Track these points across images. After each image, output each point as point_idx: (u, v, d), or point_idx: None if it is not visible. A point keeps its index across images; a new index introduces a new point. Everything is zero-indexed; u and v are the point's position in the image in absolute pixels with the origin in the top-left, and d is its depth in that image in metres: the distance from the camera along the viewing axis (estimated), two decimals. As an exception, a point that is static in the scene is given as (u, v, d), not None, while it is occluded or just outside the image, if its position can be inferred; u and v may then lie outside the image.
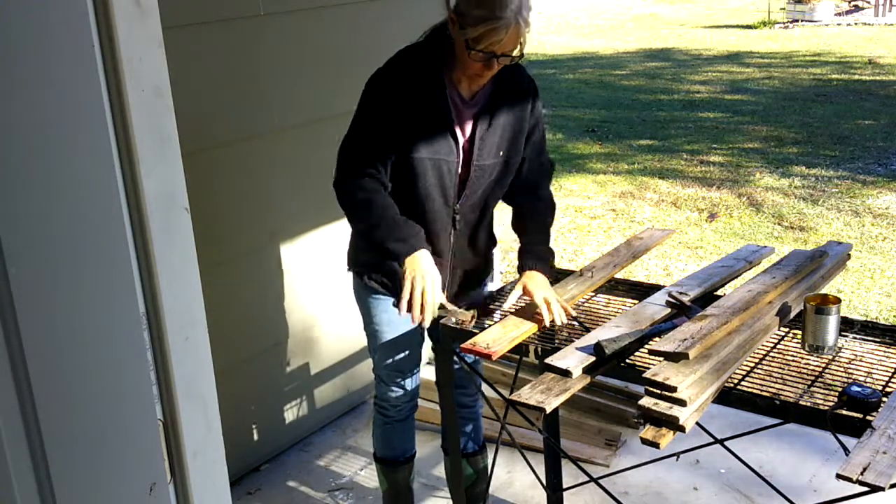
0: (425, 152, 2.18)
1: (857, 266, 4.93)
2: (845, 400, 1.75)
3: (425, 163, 2.19)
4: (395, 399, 2.52)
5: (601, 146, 8.12)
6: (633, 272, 4.85)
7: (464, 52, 2.10)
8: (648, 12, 19.79)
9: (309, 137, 3.15)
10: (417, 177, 2.20)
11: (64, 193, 1.05)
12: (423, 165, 2.19)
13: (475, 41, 2.06)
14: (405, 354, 2.46)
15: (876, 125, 8.33)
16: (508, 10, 2.02)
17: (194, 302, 1.16)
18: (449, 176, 2.23)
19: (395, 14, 3.37)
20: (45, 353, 1.08)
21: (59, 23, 1.00)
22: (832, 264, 2.39)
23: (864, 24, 15.91)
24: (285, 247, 3.17)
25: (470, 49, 2.07)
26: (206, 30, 2.75)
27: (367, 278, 2.39)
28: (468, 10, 2.06)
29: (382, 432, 2.61)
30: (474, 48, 2.07)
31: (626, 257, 2.61)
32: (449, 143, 2.20)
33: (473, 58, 2.09)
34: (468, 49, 2.07)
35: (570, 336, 2.19)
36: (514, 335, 2.17)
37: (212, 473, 1.21)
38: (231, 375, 2.99)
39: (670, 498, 2.93)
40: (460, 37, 2.08)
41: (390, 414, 2.56)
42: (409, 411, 2.58)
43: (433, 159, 2.19)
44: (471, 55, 2.08)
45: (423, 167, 2.19)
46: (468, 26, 2.05)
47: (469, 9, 2.05)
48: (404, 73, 2.18)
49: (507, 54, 2.10)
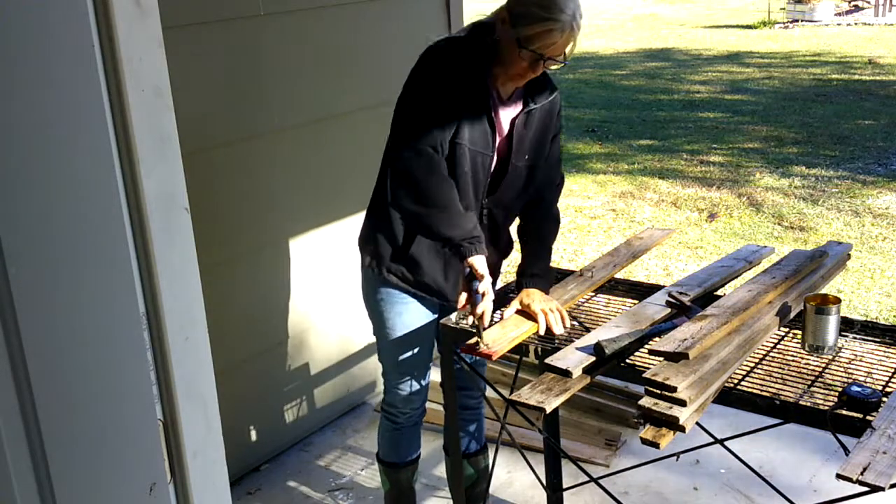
0: (467, 141, 2.16)
1: (857, 266, 4.93)
2: (845, 400, 1.75)
3: (465, 151, 2.17)
4: (406, 405, 2.48)
5: (601, 146, 8.12)
6: (633, 272, 4.85)
7: (513, 51, 2.08)
8: (648, 12, 19.79)
9: (309, 137, 3.15)
10: (456, 164, 2.17)
11: (64, 193, 1.05)
12: (464, 153, 2.16)
13: (528, 40, 2.05)
14: (418, 358, 2.42)
15: (876, 125, 8.33)
16: (566, 14, 2.02)
17: (194, 302, 1.16)
18: (483, 170, 2.22)
19: (395, 14, 3.38)
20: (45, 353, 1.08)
21: (59, 23, 1.00)
22: (832, 264, 2.39)
23: (864, 24, 15.90)
24: (285, 247, 3.17)
25: (521, 48, 2.06)
26: (206, 30, 2.75)
27: (386, 271, 2.31)
28: (526, 9, 2.04)
29: (390, 437, 2.57)
30: (526, 47, 2.05)
31: (626, 257, 2.61)
32: (486, 138, 2.19)
33: (523, 56, 2.07)
34: (519, 48, 2.06)
35: (570, 336, 2.19)
36: (514, 335, 2.17)
37: (212, 473, 1.21)
38: (231, 375, 2.99)
39: (670, 498, 2.93)
40: (512, 35, 2.07)
41: (399, 420, 2.52)
42: (419, 417, 2.54)
43: (472, 150, 2.18)
44: (521, 54, 2.07)
45: (463, 155, 2.17)
46: (523, 25, 2.04)
47: (526, 7, 2.04)
48: (454, 61, 2.16)
49: (555, 58, 2.09)
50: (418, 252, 2.28)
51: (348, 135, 3.27)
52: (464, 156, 2.16)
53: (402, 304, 2.36)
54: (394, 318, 2.38)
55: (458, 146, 2.15)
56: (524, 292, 2.29)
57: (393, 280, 2.33)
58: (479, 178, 2.22)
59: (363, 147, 3.33)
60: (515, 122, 2.23)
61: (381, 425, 2.60)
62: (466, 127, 2.15)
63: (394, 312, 2.37)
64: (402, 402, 2.48)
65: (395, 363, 2.43)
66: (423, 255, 2.29)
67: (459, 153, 2.16)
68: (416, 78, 2.19)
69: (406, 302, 2.36)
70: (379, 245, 2.33)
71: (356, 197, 3.36)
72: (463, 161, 2.17)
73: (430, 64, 2.17)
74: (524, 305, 2.27)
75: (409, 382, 2.45)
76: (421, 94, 2.16)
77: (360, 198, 3.36)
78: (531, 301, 2.26)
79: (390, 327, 2.39)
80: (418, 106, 2.15)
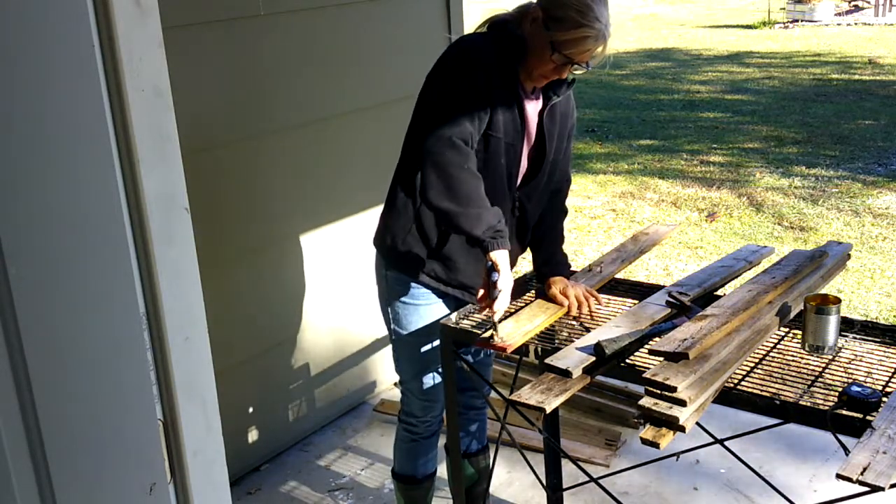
0: (502, 133, 2.15)
1: (857, 266, 4.93)
2: (845, 400, 1.75)
3: (501, 143, 2.16)
4: (425, 414, 2.43)
5: (601, 146, 8.12)
6: (633, 272, 4.85)
7: (544, 52, 2.07)
8: (648, 12, 19.79)
9: (309, 137, 3.15)
10: (491, 156, 2.16)
11: (64, 193, 1.05)
12: (499, 145, 2.16)
13: (563, 44, 2.04)
14: (438, 364, 2.35)
15: (876, 125, 8.33)
16: (601, 22, 2.02)
17: (194, 302, 1.16)
18: (516, 162, 2.22)
19: (396, 14, 3.38)
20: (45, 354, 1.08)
21: (59, 23, 1.00)
22: (832, 264, 2.39)
23: (864, 24, 15.90)
24: (285, 247, 3.17)
25: (554, 51, 2.05)
26: (207, 30, 2.75)
27: (418, 271, 2.26)
28: (563, 13, 2.03)
29: (407, 449, 2.51)
30: (559, 51, 2.05)
31: (634, 252, 2.62)
32: (518, 129, 2.18)
33: (554, 59, 2.07)
34: (552, 51, 2.05)
35: (570, 336, 2.19)
36: (528, 328, 2.18)
37: (212, 473, 1.21)
38: (231, 375, 2.99)
39: (670, 498, 2.93)
40: (546, 37, 2.05)
41: (418, 431, 2.46)
42: (438, 426, 2.49)
43: (506, 142, 2.17)
44: (552, 56, 2.06)
45: (498, 147, 2.16)
46: (559, 29, 2.03)
47: (564, 11, 2.03)
48: (484, 53, 2.13)
49: (583, 64, 2.09)
50: (453, 250, 2.25)
51: (348, 135, 3.27)
52: (499, 147, 2.16)
53: (426, 307, 2.31)
54: (412, 320, 2.31)
55: (492, 138, 2.14)
56: (551, 280, 2.32)
57: (425, 280, 2.27)
58: (512, 169, 2.22)
59: (363, 147, 3.33)
60: (543, 116, 2.23)
61: (398, 437, 2.53)
62: (500, 119, 2.14)
63: (411, 314, 2.31)
64: (422, 409, 2.43)
65: (413, 368, 2.38)
66: (459, 253, 2.26)
67: (495, 145, 2.15)
68: (445, 70, 2.15)
69: (432, 303, 2.31)
70: (405, 244, 2.26)
71: (356, 197, 3.37)
72: (498, 153, 2.16)
73: (462, 56, 2.14)
74: (554, 293, 2.29)
75: (428, 388, 2.39)
76: (452, 86, 2.11)
77: (360, 198, 3.38)
78: (561, 288, 2.29)
79: (408, 330, 2.33)
80: (450, 98, 2.10)
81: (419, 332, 2.33)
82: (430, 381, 2.39)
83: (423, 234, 2.25)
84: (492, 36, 2.18)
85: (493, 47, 2.14)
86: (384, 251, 2.32)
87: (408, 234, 2.26)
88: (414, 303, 2.31)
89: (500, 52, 2.14)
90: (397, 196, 2.29)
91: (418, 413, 2.44)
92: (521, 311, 2.29)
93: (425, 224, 2.24)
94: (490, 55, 2.13)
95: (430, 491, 2.59)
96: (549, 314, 2.26)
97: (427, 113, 2.14)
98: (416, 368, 2.38)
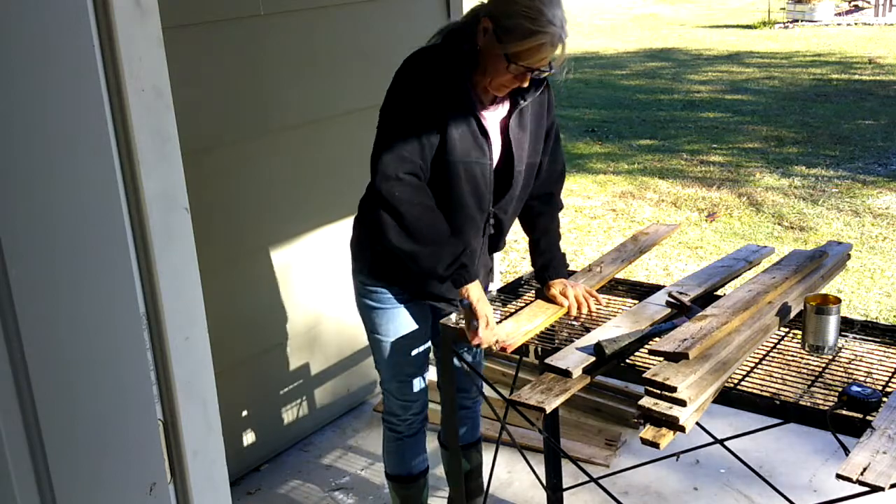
0: (459, 155, 2.07)
1: (857, 266, 4.93)
2: (845, 400, 1.75)
3: (459, 166, 2.08)
4: (405, 411, 2.44)
5: (601, 146, 8.12)
6: (633, 272, 4.85)
7: (499, 64, 1.99)
8: (649, 12, 19.78)
9: (309, 137, 3.15)
10: (452, 182, 2.10)
11: (64, 193, 1.05)
12: (457, 170, 2.08)
13: (518, 56, 1.95)
14: (414, 362, 2.37)
15: (876, 125, 8.33)
16: (555, 25, 1.92)
17: (194, 302, 1.16)
18: (483, 180, 2.14)
19: (396, 14, 3.38)
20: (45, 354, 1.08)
21: (59, 23, 1.00)
22: (832, 264, 2.39)
23: (864, 24, 15.90)
24: (285, 247, 3.17)
25: (510, 62, 1.97)
26: (206, 30, 2.75)
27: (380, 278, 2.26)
28: (513, 22, 1.93)
29: (394, 449, 2.52)
30: (515, 62, 1.97)
31: (634, 252, 2.62)
32: (480, 146, 2.10)
33: (511, 70, 1.99)
34: (508, 62, 1.97)
35: (570, 336, 2.19)
36: (528, 328, 2.18)
37: (212, 473, 1.21)
38: (231, 375, 2.99)
39: (670, 498, 2.93)
40: (498, 49, 1.96)
41: (400, 429, 2.47)
42: (421, 424, 2.50)
43: (466, 162, 2.09)
44: (510, 68, 1.98)
45: (457, 171, 2.09)
46: (511, 40, 1.94)
47: (514, 20, 1.93)
48: (433, 72, 2.05)
49: (542, 69, 2.01)
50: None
51: (348, 135, 3.27)
52: (458, 172, 2.09)
53: (394, 309, 2.31)
54: (386, 323, 2.32)
55: (450, 164, 2.07)
56: (550, 283, 2.32)
57: (398, 287, 2.27)
58: (480, 189, 2.15)
59: (363, 147, 3.31)
60: (509, 124, 2.15)
61: (385, 437, 2.54)
62: (455, 140, 2.06)
63: (386, 318, 2.31)
64: (401, 408, 2.44)
65: (391, 370, 2.38)
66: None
67: (453, 171, 2.08)
68: (394, 94, 2.09)
69: (405, 307, 2.31)
70: (372, 252, 2.26)
71: (356, 197, 3.35)
72: (458, 177, 2.09)
73: (407, 79, 2.07)
74: (554, 294, 2.30)
75: (406, 388, 2.40)
76: (399, 114, 2.06)
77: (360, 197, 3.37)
78: (561, 288, 2.30)
79: (383, 333, 2.33)
80: (397, 127, 2.06)
81: (392, 335, 2.33)
82: (406, 382, 2.40)
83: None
84: (444, 49, 2.09)
85: (443, 63, 2.06)
86: (358, 257, 2.33)
87: (370, 241, 2.24)
88: (387, 307, 2.31)
89: (451, 66, 2.06)
90: (364, 204, 2.29)
91: (398, 412, 2.45)
92: (521, 311, 2.30)
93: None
94: (439, 73, 2.05)
95: (423, 490, 2.59)
96: (549, 314, 2.26)
97: (378, 141, 2.10)
98: (392, 370, 2.39)
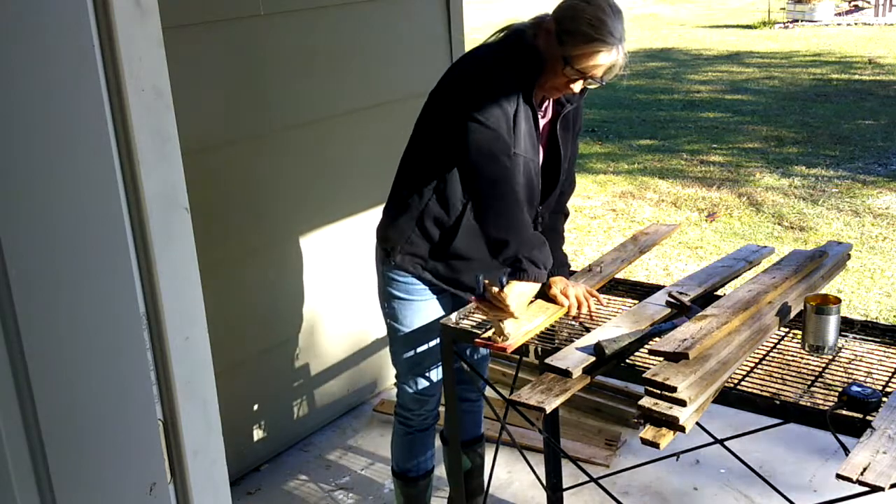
0: (522, 150, 2.13)
1: (857, 266, 4.93)
2: (845, 400, 1.75)
3: (520, 161, 2.14)
4: (420, 408, 2.45)
5: (601, 146, 8.12)
6: (633, 272, 4.85)
7: (556, 66, 2.05)
8: (648, 12, 19.78)
9: (309, 137, 3.15)
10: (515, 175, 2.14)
11: (64, 193, 1.05)
12: (519, 163, 2.14)
13: (575, 59, 2.02)
14: (433, 356, 2.38)
15: (876, 125, 8.33)
16: (615, 37, 2.00)
17: (194, 302, 1.16)
18: (536, 177, 2.22)
19: (396, 14, 3.38)
20: (45, 354, 1.08)
21: (59, 23, 1.00)
22: (832, 264, 2.39)
23: (864, 24, 15.90)
24: (286, 246, 3.17)
25: (567, 66, 2.03)
26: (206, 30, 2.75)
27: (419, 267, 2.27)
28: (576, 27, 2.00)
29: (403, 442, 2.53)
30: (572, 66, 2.03)
31: (634, 252, 2.62)
32: (535, 145, 2.18)
33: (566, 74, 2.05)
34: (565, 64, 2.03)
35: (570, 336, 2.19)
36: (528, 328, 2.18)
37: (212, 473, 1.21)
38: (231, 375, 2.99)
39: (670, 498, 2.93)
40: (558, 51, 2.04)
41: (413, 423, 2.48)
42: (433, 420, 2.51)
43: (525, 158, 2.15)
44: (564, 71, 2.04)
45: (519, 165, 2.14)
46: (571, 43, 2.01)
47: (577, 25, 2.00)
48: (507, 68, 2.10)
49: (598, 78, 2.06)
50: (456, 249, 2.26)
51: (348, 134, 3.27)
52: (519, 166, 2.14)
53: (424, 303, 2.32)
54: (411, 315, 2.33)
55: (517, 158, 2.13)
56: (551, 280, 2.32)
57: (426, 277, 2.29)
58: (532, 186, 2.21)
59: (363, 147, 3.33)
60: (557, 126, 2.22)
61: (395, 431, 2.55)
62: (522, 134, 2.12)
63: (411, 310, 2.33)
64: (416, 403, 2.45)
65: (409, 362, 2.39)
66: (461, 253, 2.26)
67: (516, 164, 2.13)
68: (471, 85, 2.11)
69: (430, 300, 2.33)
70: (408, 240, 2.26)
71: (357, 197, 3.37)
72: (519, 171, 2.14)
73: (487, 74, 2.11)
74: (554, 293, 2.29)
75: (423, 385, 2.41)
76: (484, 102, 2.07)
77: (360, 198, 3.38)
78: (561, 288, 2.29)
79: (407, 325, 2.35)
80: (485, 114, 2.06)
81: (416, 327, 2.35)
82: (424, 377, 2.41)
83: (426, 232, 2.26)
84: (508, 47, 2.15)
85: (511, 62, 2.12)
86: (385, 245, 2.33)
87: (411, 231, 2.26)
88: (412, 298, 2.32)
89: (518, 65, 2.11)
90: (401, 192, 2.29)
91: (412, 406, 2.46)
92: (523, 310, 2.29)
93: (428, 222, 2.25)
94: (511, 71, 2.10)
95: (428, 489, 2.60)
96: (549, 314, 2.26)
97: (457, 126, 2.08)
98: (411, 363, 2.40)
